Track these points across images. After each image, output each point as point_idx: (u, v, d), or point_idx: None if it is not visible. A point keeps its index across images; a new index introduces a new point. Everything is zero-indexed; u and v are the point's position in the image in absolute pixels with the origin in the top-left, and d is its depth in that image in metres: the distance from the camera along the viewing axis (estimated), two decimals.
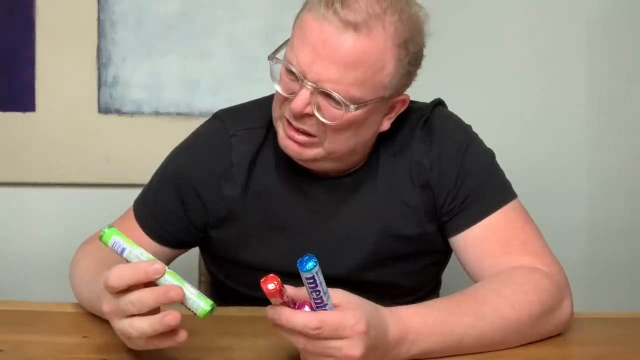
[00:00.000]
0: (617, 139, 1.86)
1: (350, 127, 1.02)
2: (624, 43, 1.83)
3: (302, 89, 0.99)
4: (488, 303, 0.95)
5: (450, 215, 1.11)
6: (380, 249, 1.13)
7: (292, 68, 1.00)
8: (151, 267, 0.81)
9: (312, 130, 1.02)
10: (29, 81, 1.75)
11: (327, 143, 1.04)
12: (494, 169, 1.15)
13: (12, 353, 0.91)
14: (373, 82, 1.00)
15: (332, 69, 0.97)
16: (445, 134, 1.13)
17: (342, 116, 0.99)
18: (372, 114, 1.04)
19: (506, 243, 1.07)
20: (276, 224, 1.14)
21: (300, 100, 0.99)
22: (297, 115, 1.00)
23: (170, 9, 1.76)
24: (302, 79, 0.99)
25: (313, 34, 0.98)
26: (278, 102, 1.06)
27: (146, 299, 0.80)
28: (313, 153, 1.05)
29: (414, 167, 1.12)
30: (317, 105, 1.00)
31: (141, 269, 0.81)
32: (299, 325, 0.79)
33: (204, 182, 1.13)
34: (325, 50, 0.97)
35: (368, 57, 0.98)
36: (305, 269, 0.77)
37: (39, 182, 1.79)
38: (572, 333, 1.03)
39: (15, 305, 1.07)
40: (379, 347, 0.84)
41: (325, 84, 0.98)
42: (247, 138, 1.13)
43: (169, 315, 0.80)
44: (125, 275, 0.81)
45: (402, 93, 1.07)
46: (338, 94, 0.98)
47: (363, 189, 1.13)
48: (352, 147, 1.07)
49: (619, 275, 1.89)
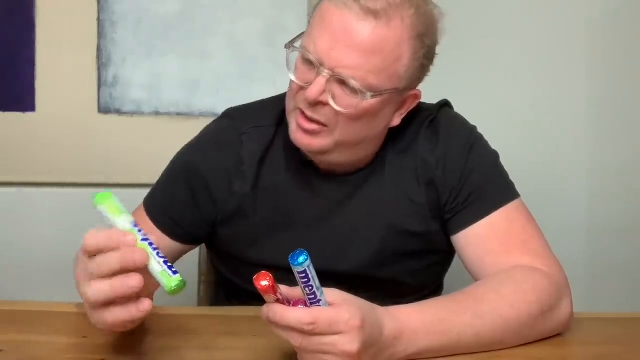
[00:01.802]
0: (617, 139, 1.86)
1: (363, 117, 1.03)
2: (624, 43, 1.83)
3: (318, 77, 1.00)
4: (487, 302, 0.95)
5: (453, 212, 1.11)
6: (387, 245, 1.14)
7: (310, 56, 1.01)
8: (124, 237, 0.80)
9: (325, 120, 1.03)
10: (29, 81, 1.75)
11: (338, 133, 1.04)
12: (498, 169, 1.15)
13: (12, 353, 0.91)
14: (389, 71, 1.01)
15: (350, 56, 0.99)
16: (451, 134, 1.14)
17: (357, 105, 1.00)
18: (386, 105, 1.05)
19: (507, 242, 1.07)
20: (284, 220, 1.14)
21: (316, 87, 1.00)
22: (311, 102, 1.01)
23: (170, 9, 1.76)
24: (319, 67, 1.00)
25: (333, 21, 1.00)
26: (292, 93, 1.06)
27: (110, 260, 0.78)
28: (323, 143, 1.05)
29: (419, 165, 1.13)
30: (332, 94, 1.01)
31: (114, 235, 0.80)
32: (293, 321, 0.79)
33: (214, 178, 1.13)
34: (345, 36, 0.99)
35: (386, 45, 1.00)
36: (297, 263, 0.77)
37: (39, 182, 1.79)
38: (572, 333, 1.03)
39: (15, 305, 1.07)
40: (374, 344, 0.84)
41: (342, 71, 0.99)
42: (257, 136, 1.14)
43: (130, 276, 0.78)
44: (99, 237, 0.80)
45: (415, 87, 1.09)
46: (355, 81, 0.99)
47: (371, 186, 1.14)
48: (362, 139, 1.07)
49: (619, 275, 1.89)
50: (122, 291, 0.78)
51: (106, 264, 0.79)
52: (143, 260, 0.79)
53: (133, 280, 0.78)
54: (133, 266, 0.78)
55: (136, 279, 0.78)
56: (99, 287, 0.79)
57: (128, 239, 0.80)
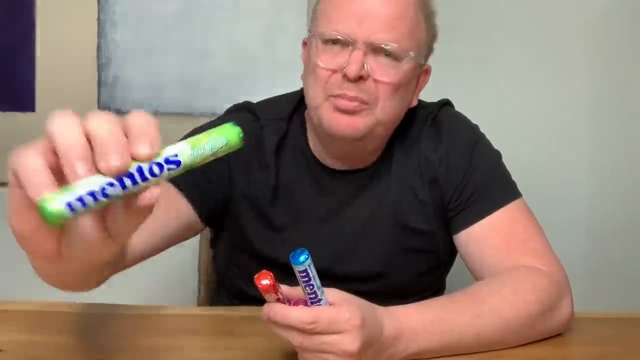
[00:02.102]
0: (618, 139, 1.86)
1: (400, 87, 1.05)
2: (625, 43, 1.83)
3: (354, 52, 1.02)
4: (487, 302, 0.95)
5: (456, 211, 1.12)
6: (394, 242, 1.14)
7: (338, 35, 1.02)
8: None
9: (366, 96, 1.04)
10: (29, 81, 1.76)
11: (379, 110, 1.05)
12: (500, 168, 1.16)
13: (12, 353, 0.91)
14: (415, 36, 1.06)
15: (381, 23, 1.02)
16: (453, 132, 1.15)
17: (398, 71, 1.03)
18: (413, 77, 1.08)
19: (508, 241, 1.07)
20: (295, 216, 1.14)
21: (355, 62, 1.01)
22: (353, 79, 1.02)
23: (170, 9, 1.76)
24: (353, 42, 1.02)
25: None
26: (322, 82, 1.05)
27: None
28: (366, 122, 1.05)
29: (422, 163, 1.14)
30: (370, 68, 1.03)
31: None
32: (294, 321, 0.79)
33: (237, 163, 1.13)
34: (371, 7, 1.02)
35: (408, 11, 1.04)
36: (298, 262, 0.77)
37: None
38: (572, 333, 1.03)
39: (15, 305, 1.07)
40: (374, 344, 0.84)
41: (379, 36, 1.02)
42: (275, 127, 1.15)
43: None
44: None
45: (425, 63, 1.11)
46: (393, 44, 1.02)
47: (378, 182, 1.15)
48: (396, 116, 1.09)
49: (619, 274, 1.89)
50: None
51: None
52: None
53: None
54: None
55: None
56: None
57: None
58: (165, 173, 0.54)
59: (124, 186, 0.53)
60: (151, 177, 0.54)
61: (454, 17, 1.75)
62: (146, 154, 0.53)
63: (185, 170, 0.56)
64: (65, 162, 0.52)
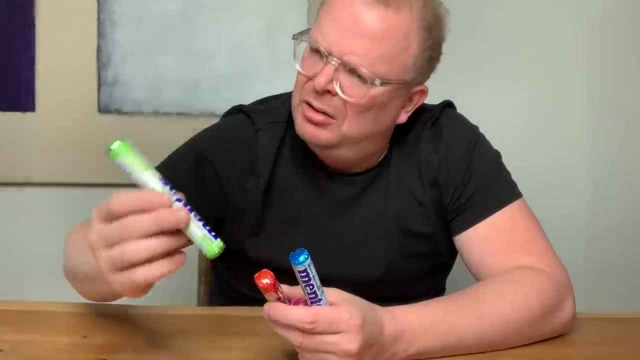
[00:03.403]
0: (618, 140, 1.86)
1: (370, 108, 1.03)
2: (625, 44, 1.83)
3: (326, 66, 1.00)
4: (487, 303, 0.95)
5: (456, 213, 1.11)
6: (393, 245, 1.14)
7: (318, 45, 1.01)
8: (159, 197, 0.71)
9: (332, 111, 1.03)
10: (29, 81, 1.75)
11: (345, 126, 1.04)
12: (500, 168, 1.15)
13: (12, 353, 0.91)
14: (398, 60, 1.01)
15: (359, 43, 0.99)
16: (453, 134, 1.14)
17: (365, 93, 1.00)
18: (393, 98, 1.05)
19: (509, 242, 1.07)
20: (293, 219, 1.14)
21: (324, 76, 1.00)
22: (319, 91, 1.01)
23: (170, 9, 1.76)
24: (327, 55, 1.00)
25: (341, 9, 1.00)
26: (299, 86, 1.06)
27: (143, 220, 0.70)
28: (329, 136, 1.04)
29: (422, 166, 1.13)
30: (340, 84, 1.01)
31: (147, 196, 0.72)
32: (294, 320, 0.79)
33: (228, 173, 1.12)
34: (353, 24, 0.99)
35: (395, 33, 1.00)
36: (298, 262, 0.77)
37: (39, 182, 1.79)
38: (572, 333, 1.03)
39: (15, 305, 1.07)
40: (374, 344, 0.84)
41: (351, 58, 0.99)
42: (271, 132, 1.14)
43: (178, 211, 0.71)
44: (128, 198, 0.71)
45: (422, 83, 1.08)
46: (363, 68, 0.99)
47: (377, 187, 1.14)
48: (369, 133, 1.07)
49: (619, 275, 1.89)
50: (166, 225, 0.70)
51: (138, 225, 0.70)
52: (185, 220, 0.72)
53: (180, 214, 0.70)
54: (173, 226, 0.71)
55: (184, 214, 0.71)
56: (136, 246, 0.70)
57: (163, 199, 0.71)
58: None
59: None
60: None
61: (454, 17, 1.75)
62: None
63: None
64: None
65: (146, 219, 0.70)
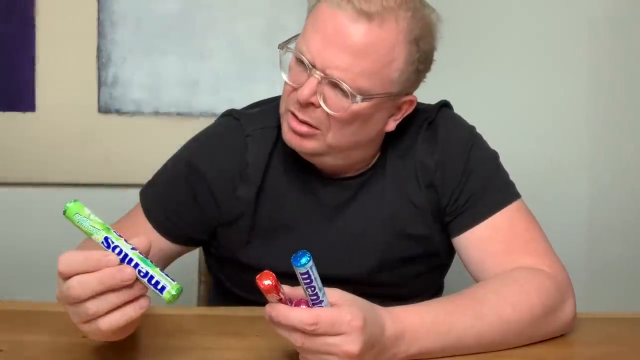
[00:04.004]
0: (618, 139, 1.86)
1: (354, 121, 1.02)
2: (626, 43, 1.83)
3: (310, 78, 0.99)
4: (487, 303, 0.95)
5: (454, 215, 1.11)
6: (388, 248, 1.13)
7: (302, 56, 1.00)
8: (105, 258, 0.75)
9: (316, 122, 1.02)
10: (29, 81, 1.75)
11: (330, 136, 1.03)
12: (498, 169, 1.15)
13: (12, 353, 0.91)
14: (381, 74, 1.00)
15: (341, 57, 0.98)
16: (449, 135, 1.13)
17: (347, 108, 0.99)
18: (378, 110, 1.04)
19: (509, 243, 1.07)
20: (285, 224, 1.13)
21: (307, 88, 0.99)
22: (302, 103, 1.00)
23: (170, 9, 1.76)
24: (311, 68, 0.99)
25: (326, 22, 0.99)
26: (285, 95, 1.05)
27: (89, 282, 0.75)
28: (314, 146, 1.04)
29: (418, 168, 1.12)
30: (323, 96, 1.00)
31: (93, 258, 0.76)
32: (295, 321, 0.79)
33: (218, 181, 1.12)
34: (336, 37, 0.98)
35: (378, 48, 0.98)
36: (300, 264, 0.77)
37: (39, 182, 1.79)
38: (572, 333, 1.03)
39: (15, 305, 1.07)
40: (375, 345, 0.84)
41: (333, 72, 0.98)
42: (262, 138, 1.13)
43: (122, 269, 0.75)
44: (76, 259, 0.76)
45: (410, 94, 1.07)
46: (345, 83, 0.98)
47: (372, 190, 1.13)
48: (354, 143, 1.06)
49: (619, 275, 1.89)
50: (111, 283, 0.75)
51: (85, 286, 0.75)
52: (131, 277, 0.75)
53: (125, 274, 0.75)
54: (119, 285, 0.75)
55: (127, 273, 0.75)
56: (86, 281, 0.75)
57: (109, 258, 0.76)
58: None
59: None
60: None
61: (453, 17, 1.75)
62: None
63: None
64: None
65: (92, 279, 0.75)
